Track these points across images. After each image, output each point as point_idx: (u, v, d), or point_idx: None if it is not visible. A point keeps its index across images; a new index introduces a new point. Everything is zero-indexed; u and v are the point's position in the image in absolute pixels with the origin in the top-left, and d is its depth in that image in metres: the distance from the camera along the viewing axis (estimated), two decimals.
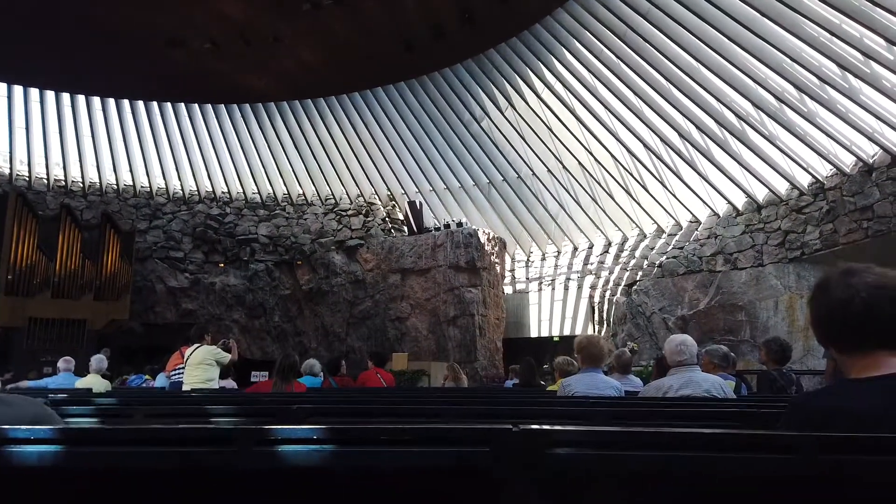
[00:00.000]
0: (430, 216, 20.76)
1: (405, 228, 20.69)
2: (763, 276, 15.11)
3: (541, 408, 2.99)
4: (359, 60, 17.34)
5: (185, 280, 20.03)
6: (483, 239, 18.58)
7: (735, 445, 1.42)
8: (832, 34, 11.83)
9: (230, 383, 8.54)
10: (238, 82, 18.57)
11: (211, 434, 1.45)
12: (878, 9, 10.95)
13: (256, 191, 21.80)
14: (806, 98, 13.09)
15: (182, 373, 7.50)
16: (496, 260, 19.20)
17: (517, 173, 19.59)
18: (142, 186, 21.20)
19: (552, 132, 17.86)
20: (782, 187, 14.93)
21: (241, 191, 21.74)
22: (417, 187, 21.08)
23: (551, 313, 19.54)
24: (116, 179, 20.93)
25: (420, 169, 20.69)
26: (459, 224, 19.09)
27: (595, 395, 4.40)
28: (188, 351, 7.46)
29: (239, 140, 21.11)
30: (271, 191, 21.83)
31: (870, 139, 12.87)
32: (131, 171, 20.99)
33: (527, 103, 17.80)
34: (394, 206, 21.59)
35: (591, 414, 2.74)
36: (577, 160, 18.13)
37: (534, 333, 19.65)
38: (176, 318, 19.68)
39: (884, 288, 1.64)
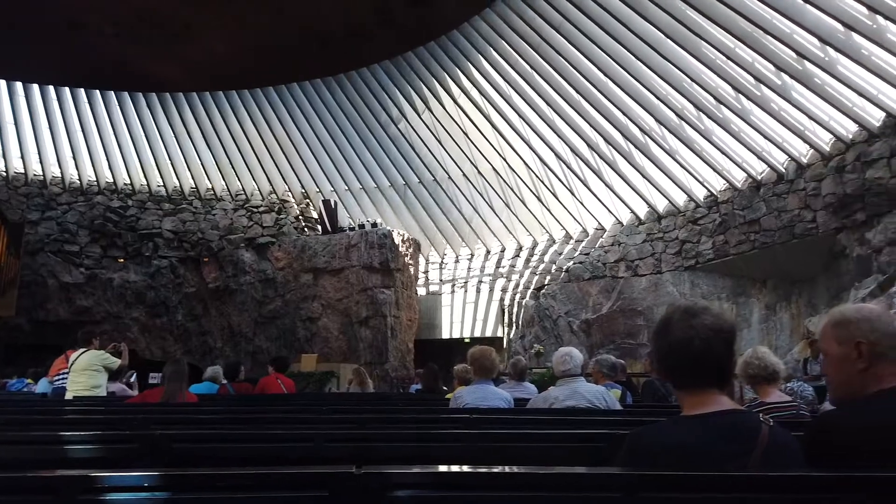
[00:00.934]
0: (345, 216, 20.54)
1: (319, 227, 20.37)
2: (661, 282, 15.90)
3: (415, 429, 3.02)
4: (275, 54, 16.92)
5: (80, 275, 18.88)
6: (397, 240, 18.57)
7: (567, 483, 1.49)
8: (728, 58, 12.59)
9: (118, 387, 8.12)
10: (145, 70, 17.69)
11: (34, 482, 1.38)
12: (768, 36, 11.74)
13: (162, 183, 20.84)
14: (703, 116, 13.87)
15: (66, 378, 7.06)
16: (410, 261, 19.24)
17: (433, 176, 19.70)
18: (34, 175, 19.83)
19: (468, 137, 18.09)
20: (681, 199, 15.75)
21: (146, 183, 20.73)
22: (332, 186, 20.80)
23: (463, 315, 19.79)
24: (6, 166, 19.48)
25: (336, 168, 20.43)
26: (374, 224, 19.00)
27: (485, 406, 4.50)
28: (73, 356, 7.03)
29: (144, 130, 20.12)
30: (178, 184, 20.94)
31: (759, 157, 13.80)
32: (23, 158, 19.59)
33: (444, 107, 17.94)
34: (308, 205, 21.20)
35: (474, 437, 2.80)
36: (492, 165, 18.44)
37: (445, 335, 19.83)
38: (69, 316, 18.51)
39: (720, 331, 1.76)
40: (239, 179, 20.95)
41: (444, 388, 7.85)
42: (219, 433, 2.31)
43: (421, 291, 20.39)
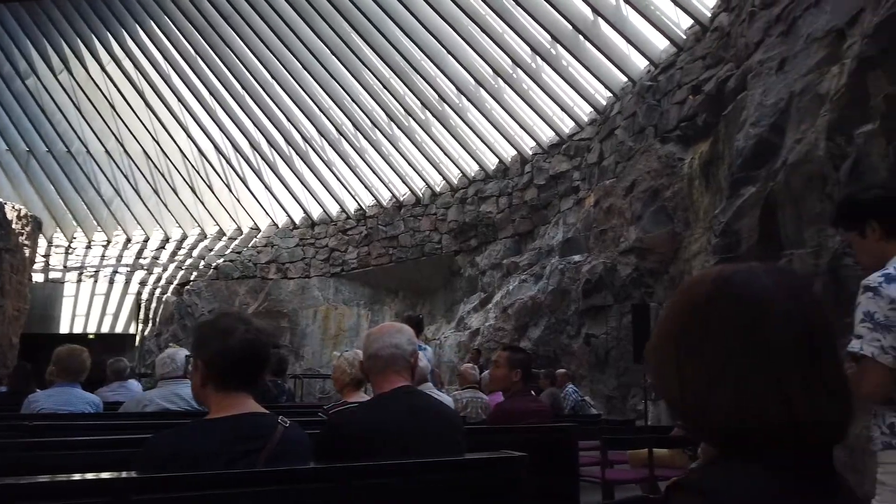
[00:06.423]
0: None
1: None
2: (308, 287, 16.47)
3: None
4: None
5: None
6: (11, 215, 15.62)
7: (54, 491, 1.47)
8: (384, 86, 13.74)
9: None
10: None
11: None
12: (416, 75, 13.14)
13: None
14: (359, 135, 14.86)
15: None
16: (26, 241, 16.34)
17: (67, 147, 17.16)
18: None
19: (115, 110, 16.25)
20: (334, 209, 16.56)
21: None
22: None
23: (90, 308, 17.60)
24: None
25: None
26: None
27: (67, 411, 4.10)
28: None
29: None
30: None
31: (402, 180, 15.32)
32: None
33: (87, 72, 15.83)
34: None
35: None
36: (142, 146, 16.86)
37: (65, 329, 17.37)
38: None
39: (271, 336, 1.92)
40: None
41: (38, 390, 6.87)
42: None
43: (38, 278, 17.49)
